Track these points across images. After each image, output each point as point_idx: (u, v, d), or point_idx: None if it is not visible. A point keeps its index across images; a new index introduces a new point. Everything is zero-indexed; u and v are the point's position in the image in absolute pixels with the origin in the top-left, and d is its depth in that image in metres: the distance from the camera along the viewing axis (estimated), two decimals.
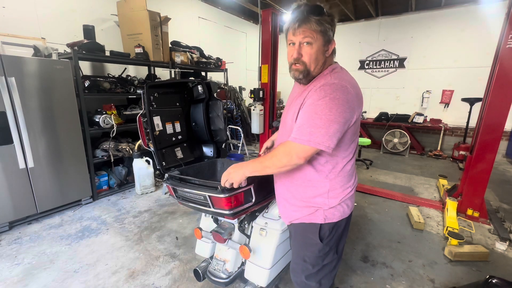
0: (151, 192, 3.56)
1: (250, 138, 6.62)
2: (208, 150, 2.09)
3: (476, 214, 2.80)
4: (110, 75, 3.61)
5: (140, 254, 2.25)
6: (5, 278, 1.96)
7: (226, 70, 5.17)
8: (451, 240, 2.30)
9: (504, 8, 4.16)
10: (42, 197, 2.75)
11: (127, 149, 3.51)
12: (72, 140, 2.94)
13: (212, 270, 1.64)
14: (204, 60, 4.59)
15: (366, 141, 4.54)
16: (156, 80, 3.93)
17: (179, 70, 4.03)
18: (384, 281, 1.97)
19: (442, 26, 5.54)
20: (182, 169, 1.64)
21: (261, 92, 4.06)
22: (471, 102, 4.85)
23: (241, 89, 6.47)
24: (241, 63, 7.07)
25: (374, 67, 6.51)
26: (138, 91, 3.53)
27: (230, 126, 5.15)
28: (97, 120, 3.20)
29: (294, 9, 1.03)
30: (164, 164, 1.71)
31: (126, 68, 3.97)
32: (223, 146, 2.08)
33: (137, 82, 3.70)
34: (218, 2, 5.88)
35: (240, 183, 1.15)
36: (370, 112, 6.64)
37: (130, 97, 3.75)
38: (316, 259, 1.20)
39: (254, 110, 4.15)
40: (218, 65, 4.90)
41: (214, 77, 5.71)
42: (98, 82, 3.21)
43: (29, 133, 2.57)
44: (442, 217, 2.93)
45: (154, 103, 1.74)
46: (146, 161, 3.48)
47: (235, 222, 1.53)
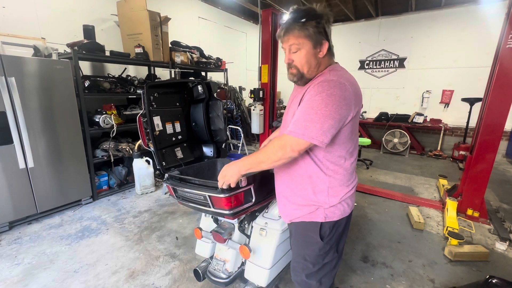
0: (151, 192, 3.56)
1: (250, 138, 6.62)
2: (208, 150, 2.09)
3: (476, 214, 2.80)
4: (110, 75, 3.61)
5: (140, 254, 2.25)
6: (5, 278, 1.96)
7: (226, 70, 5.17)
8: (451, 240, 2.30)
9: (504, 8, 4.17)
10: (42, 197, 2.75)
11: (127, 149, 3.51)
12: (72, 140, 2.94)
13: (212, 270, 1.64)
14: (204, 60, 4.59)
15: (366, 141, 4.53)
16: (156, 80, 3.93)
17: (179, 70, 4.03)
18: (384, 281, 1.97)
19: (442, 26, 5.54)
20: (182, 169, 1.64)
21: (261, 92, 4.06)
22: (471, 102, 4.85)
23: (241, 89, 6.47)
24: (241, 63, 7.07)
25: (374, 67, 6.51)
26: (138, 91, 3.53)
27: (230, 126, 5.14)
28: (97, 120, 3.20)
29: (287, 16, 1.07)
30: (164, 164, 1.71)
31: (126, 68, 3.97)
32: (223, 146, 2.08)
33: (137, 82, 3.70)
34: (218, 2, 5.87)
35: (237, 182, 1.15)
36: (370, 112, 6.64)
37: (130, 97, 3.75)
38: (316, 258, 1.20)
39: (254, 110, 4.15)
40: (218, 65, 4.90)
41: (214, 77, 5.71)
42: (98, 82, 3.21)
43: (29, 133, 2.57)
44: (442, 217, 2.93)
45: (154, 103, 1.74)
46: (146, 161, 3.48)
47: (235, 222, 1.53)
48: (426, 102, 5.88)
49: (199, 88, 1.96)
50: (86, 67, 3.67)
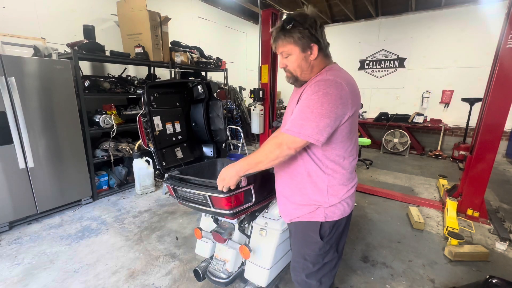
0: (151, 192, 3.56)
1: (250, 138, 6.62)
2: (208, 150, 2.09)
3: (476, 214, 2.80)
4: (110, 75, 3.61)
5: (140, 254, 2.25)
6: (5, 278, 1.96)
7: (226, 70, 5.17)
8: (451, 240, 2.30)
9: (504, 8, 4.17)
10: (42, 197, 2.75)
11: (127, 149, 3.51)
12: (72, 140, 2.94)
13: (212, 270, 1.64)
14: (204, 60, 4.59)
15: (366, 141, 4.53)
16: (156, 80, 3.93)
17: (179, 70, 4.03)
18: (384, 281, 1.97)
19: (442, 26, 5.54)
20: (182, 169, 1.64)
21: (261, 92, 4.06)
22: (471, 102, 4.85)
23: (241, 89, 6.47)
24: (241, 63, 7.07)
25: (374, 67, 6.51)
26: (138, 91, 3.53)
27: (230, 126, 5.14)
28: (97, 120, 3.20)
29: None
30: (164, 164, 1.71)
31: (126, 68, 3.97)
32: (223, 146, 2.08)
33: (137, 82, 3.70)
34: (218, 2, 5.87)
35: (236, 184, 1.15)
36: (370, 112, 6.64)
37: (130, 97, 3.75)
38: (316, 258, 1.20)
39: (254, 110, 4.15)
40: (218, 65, 4.90)
41: (214, 77, 5.71)
42: (98, 82, 3.21)
43: (29, 133, 2.57)
44: (442, 217, 2.93)
45: (154, 103, 1.74)
46: (146, 161, 3.48)
47: (235, 222, 1.53)
48: (426, 102, 5.88)
49: (199, 88, 1.96)
50: (86, 67, 3.67)
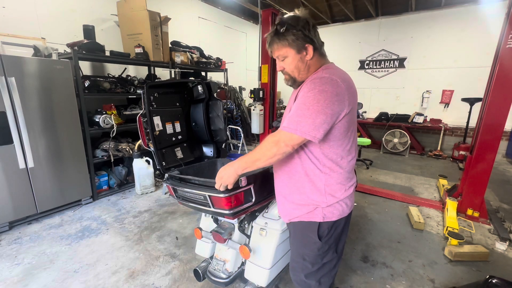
0: (151, 192, 3.56)
1: (250, 138, 6.62)
2: (208, 150, 2.09)
3: (476, 214, 2.80)
4: (110, 75, 3.61)
5: (140, 254, 2.25)
6: (5, 278, 1.96)
7: (226, 70, 5.17)
8: (451, 240, 2.30)
9: (504, 8, 4.17)
10: (42, 197, 2.75)
11: (127, 149, 3.51)
12: (72, 140, 2.94)
13: (212, 270, 1.64)
14: (204, 60, 4.59)
15: (366, 141, 4.53)
16: (156, 80, 3.93)
17: (179, 70, 4.03)
18: (384, 281, 1.97)
19: (442, 26, 5.54)
20: (182, 169, 1.64)
21: (261, 92, 4.06)
22: (471, 102, 4.85)
23: (241, 89, 6.47)
24: (241, 63, 7.07)
25: (374, 67, 6.51)
26: (138, 91, 3.53)
27: (230, 126, 5.14)
28: (97, 120, 3.20)
29: None
30: (164, 164, 1.71)
31: (126, 68, 3.97)
32: (223, 146, 2.08)
33: (137, 82, 3.70)
34: (218, 2, 5.87)
35: (235, 183, 1.15)
36: (370, 112, 6.64)
37: (130, 97, 3.75)
38: (315, 258, 1.20)
39: (254, 110, 4.15)
40: (218, 65, 4.90)
41: (214, 77, 5.71)
42: (98, 82, 3.21)
43: (29, 133, 2.57)
44: (442, 217, 2.93)
45: (154, 103, 1.74)
46: (146, 161, 3.48)
47: (235, 222, 1.53)
48: (426, 102, 5.88)
49: (199, 88, 1.96)
50: (86, 67, 3.67)
